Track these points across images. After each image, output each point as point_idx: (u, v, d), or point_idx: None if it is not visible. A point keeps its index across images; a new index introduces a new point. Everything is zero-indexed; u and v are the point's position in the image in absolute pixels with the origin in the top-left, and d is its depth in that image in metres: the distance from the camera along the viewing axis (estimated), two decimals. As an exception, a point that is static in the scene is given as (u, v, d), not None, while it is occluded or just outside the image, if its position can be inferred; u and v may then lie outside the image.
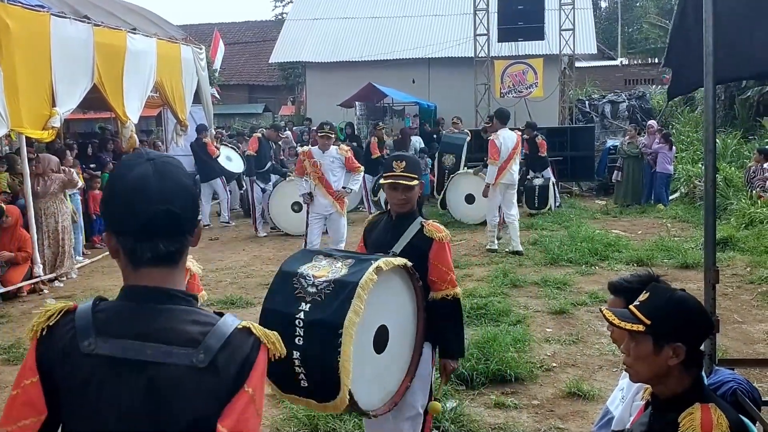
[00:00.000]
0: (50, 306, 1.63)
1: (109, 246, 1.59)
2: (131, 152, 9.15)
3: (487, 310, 6.64)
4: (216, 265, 9.85)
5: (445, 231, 3.45)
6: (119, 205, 1.52)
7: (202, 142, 13.21)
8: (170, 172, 1.55)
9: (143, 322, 1.51)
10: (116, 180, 1.55)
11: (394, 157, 3.53)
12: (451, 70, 19.41)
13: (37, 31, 9.10)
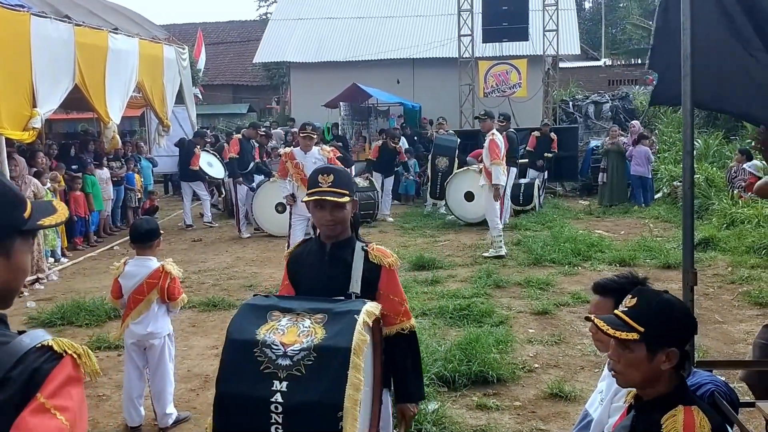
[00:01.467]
0: None
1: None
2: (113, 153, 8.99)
3: (470, 311, 6.64)
4: (198, 267, 9.79)
5: (393, 255, 2.92)
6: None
7: (192, 148, 13.11)
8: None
9: None
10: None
11: (320, 170, 2.92)
12: (435, 71, 19.43)
13: (16, 31, 9.01)
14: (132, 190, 13.86)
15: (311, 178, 2.92)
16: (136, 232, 4.53)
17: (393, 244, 10.89)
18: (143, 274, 4.47)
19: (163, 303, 4.49)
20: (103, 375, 5.63)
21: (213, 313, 7.32)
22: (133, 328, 4.45)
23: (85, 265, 10.40)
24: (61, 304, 7.48)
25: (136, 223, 4.63)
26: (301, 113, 20.31)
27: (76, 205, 11.50)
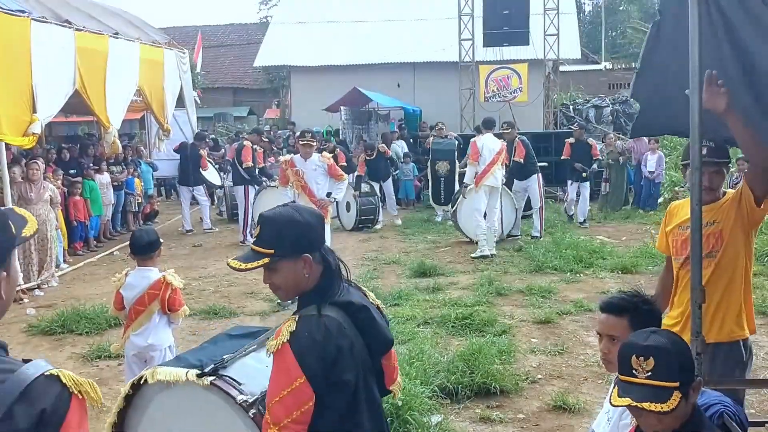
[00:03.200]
0: None
1: None
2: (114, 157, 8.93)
3: (472, 321, 6.60)
4: (199, 273, 9.76)
5: (285, 334, 2.08)
6: None
7: (198, 151, 13.07)
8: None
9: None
10: None
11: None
12: (436, 75, 19.41)
13: (16, 36, 8.97)
14: (132, 195, 13.82)
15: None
16: (137, 243, 4.49)
17: (394, 250, 10.87)
18: (144, 285, 4.43)
19: (164, 314, 4.45)
20: (103, 385, 5.60)
21: (214, 321, 7.28)
22: (134, 340, 4.42)
23: (85, 270, 10.36)
24: (61, 311, 7.44)
25: (136, 235, 4.58)
26: (302, 117, 20.33)
27: (75, 210, 11.47)
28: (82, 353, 6.36)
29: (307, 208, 2.27)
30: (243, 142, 12.18)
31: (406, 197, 15.81)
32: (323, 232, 2.24)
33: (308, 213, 2.21)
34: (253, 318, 7.39)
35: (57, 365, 4.69)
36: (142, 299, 4.46)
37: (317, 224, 2.19)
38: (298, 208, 2.21)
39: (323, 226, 2.27)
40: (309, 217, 2.17)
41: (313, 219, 2.19)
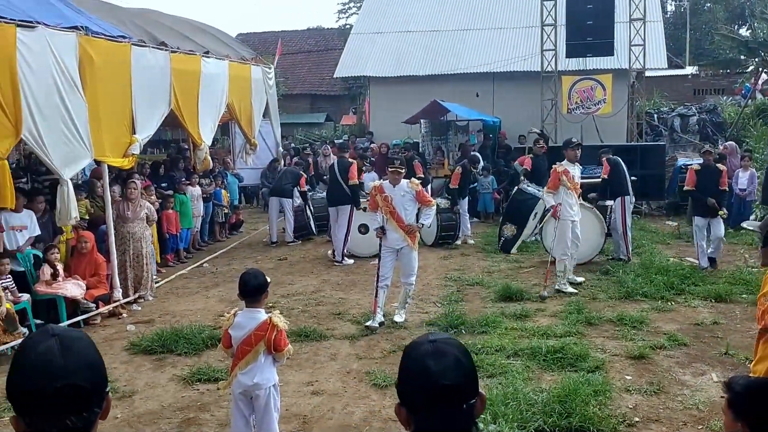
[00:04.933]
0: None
1: (17, 428, 1.58)
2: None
3: (564, 354, 6.55)
4: (286, 290, 9.97)
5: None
6: (23, 379, 1.56)
7: (299, 173, 13.47)
8: (78, 346, 1.62)
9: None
10: (18, 359, 1.60)
11: None
12: (516, 85, 19.24)
13: (118, 61, 9.40)
14: (219, 206, 14.26)
15: None
16: (246, 287, 4.65)
17: (476, 269, 10.86)
18: (252, 326, 4.59)
19: (269, 354, 4.60)
20: (205, 411, 5.82)
21: (305, 344, 7.42)
22: (241, 379, 4.57)
23: (177, 284, 10.74)
24: (161, 330, 7.74)
25: (245, 279, 4.72)
26: (380, 127, 20.50)
27: (167, 223, 11.91)
28: (183, 375, 6.61)
29: None
30: (348, 159, 12.13)
31: (485, 210, 15.73)
32: None
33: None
34: (342, 342, 7.52)
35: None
36: (249, 339, 4.61)
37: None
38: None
39: None
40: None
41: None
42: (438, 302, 8.96)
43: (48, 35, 7.99)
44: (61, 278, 8.50)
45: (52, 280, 8.40)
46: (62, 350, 1.58)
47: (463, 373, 1.76)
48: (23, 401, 1.57)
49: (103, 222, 9.85)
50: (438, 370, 1.73)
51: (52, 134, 8.01)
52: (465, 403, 1.75)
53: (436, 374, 1.73)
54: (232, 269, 11.65)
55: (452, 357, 1.76)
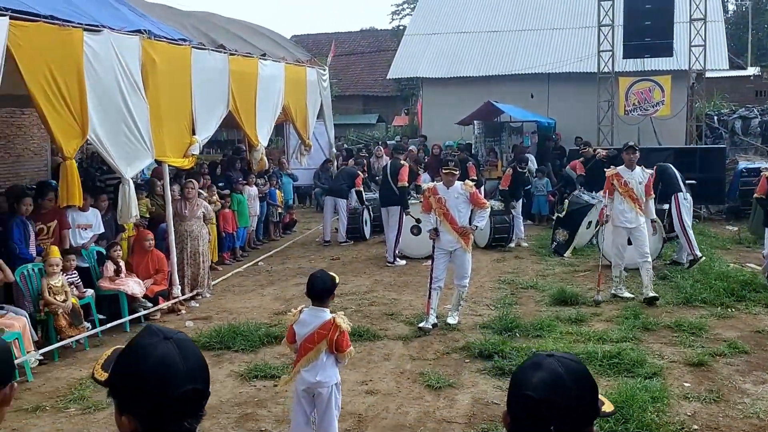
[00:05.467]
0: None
1: (125, 427, 1.59)
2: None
3: (620, 359, 6.46)
4: (339, 290, 9.85)
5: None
6: (148, 385, 1.56)
7: (356, 172, 13.58)
8: (191, 349, 1.64)
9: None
10: (137, 362, 1.60)
11: None
12: (571, 86, 19.01)
13: (179, 64, 9.63)
14: (274, 206, 14.47)
15: None
16: (313, 289, 4.75)
17: (530, 272, 10.78)
18: (315, 324, 4.66)
19: (331, 353, 4.66)
20: (262, 407, 5.94)
21: (359, 343, 7.45)
22: (304, 375, 4.65)
23: (233, 281, 10.95)
24: (219, 327, 7.90)
25: (313, 280, 4.81)
26: (433, 129, 20.50)
27: (224, 222, 12.15)
28: (240, 371, 6.74)
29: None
30: (400, 161, 12.15)
31: (539, 212, 15.59)
32: None
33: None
34: (395, 342, 7.56)
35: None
36: (312, 337, 4.68)
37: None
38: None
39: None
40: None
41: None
42: (491, 305, 8.93)
43: (113, 38, 8.24)
44: (123, 275, 8.76)
45: (115, 277, 8.67)
46: (181, 354, 1.61)
47: (561, 393, 1.67)
48: (144, 404, 1.58)
49: (162, 220, 10.12)
50: (529, 381, 1.70)
51: (115, 135, 8.27)
52: (553, 424, 1.66)
53: (526, 385, 1.70)
54: (287, 268, 11.83)
55: (550, 372, 1.69)
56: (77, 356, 7.60)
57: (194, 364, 1.64)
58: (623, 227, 8.98)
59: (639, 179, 8.96)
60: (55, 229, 8.48)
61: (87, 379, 6.73)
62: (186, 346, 1.66)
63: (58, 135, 7.42)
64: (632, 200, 8.88)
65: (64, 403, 6.16)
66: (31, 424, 5.78)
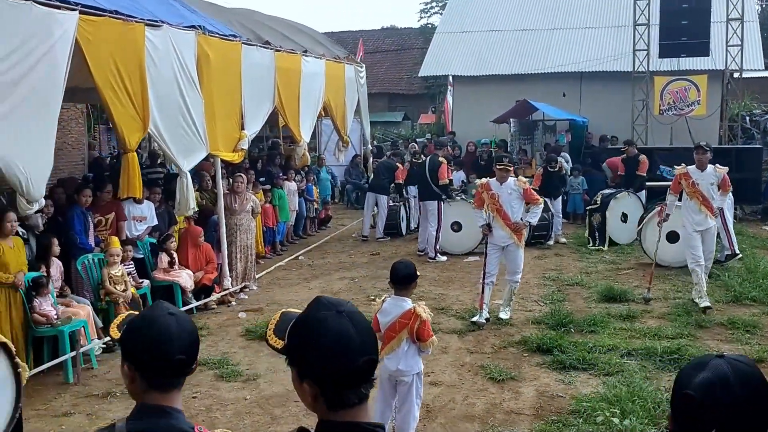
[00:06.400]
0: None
1: (306, 393, 1.70)
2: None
3: (680, 355, 6.50)
4: (385, 285, 10.10)
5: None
6: (328, 358, 1.65)
7: (394, 163, 13.66)
8: (362, 321, 1.72)
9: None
10: (314, 336, 1.68)
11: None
12: (604, 85, 18.97)
13: (230, 59, 9.77)
14: (310, 201, 14.59)
15: None
16: (397, 274, 4.88)
17: (573, 269, 10.82)
18: (397, 313, 4.77)
19: (413, 342, 4.75)
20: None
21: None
22: (387, 363, 4.75)
23: (277, 275, 11.07)
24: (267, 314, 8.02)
25: (397, 267, 4.94)
26: (463, 127, 20.52)
27: (265, 217, 12.27)
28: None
29: None
30: (439, 159, 12.19)
31: (574, 211, 15.59)
32: None
33: None
34: (451, 336, 7.64)
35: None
36: (393, 326, 4.79)
37: None
38: None
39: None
40: None
41: None
42: (540, 301, 8.99)
43: (171, 34, 8.39)
44: (177, 266, 8.91)
45: (169, 268, 8.82)
46: (355, 328, 1.70)
47: (724, 394, 1.64)
48: (323, 374, 1.67)
49: (211, 213, 10.27)
50: (691, 381, 1.70)
51: (173, 128, 8.41)
52: (716, 427, 1.64)
53: (688, 384, 1.70)
54: (328, 262, 11.94)
55: (715, 372, 1.67)
56: (137, 345, 7.74)
57: (366, 335, 1.72)
58: (693, 230, 8.53)
59: (711, 180, 8.54)
60: (113, 220, 8.64)
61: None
62: (358, 319, 1.73)
63: (121, 128, 7.57)
64: (700, 201, 8.46)
65: (133, 390, 6.29)
66: (104, 409, 5.93)
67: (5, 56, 5.98)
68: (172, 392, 2.01)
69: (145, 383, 2.00)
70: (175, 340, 1.97)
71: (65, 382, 6.58)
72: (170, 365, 1.96)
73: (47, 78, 6.43)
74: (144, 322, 2.02)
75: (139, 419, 1.99)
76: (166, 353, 1.95)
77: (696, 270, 8.41)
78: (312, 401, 1.71)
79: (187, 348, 2.00)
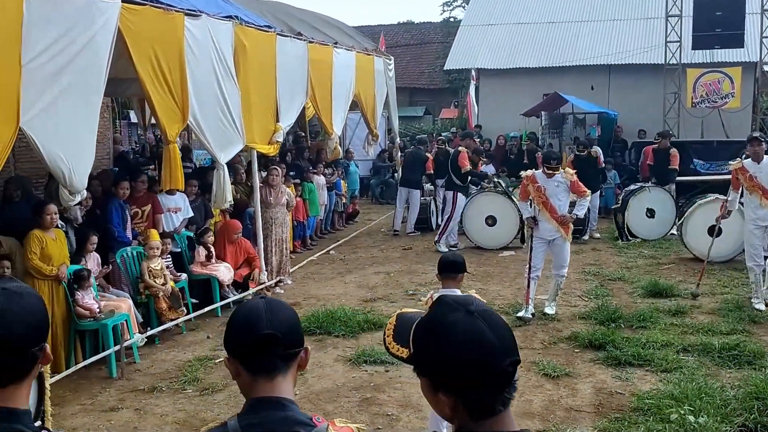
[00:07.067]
0: None
1: (443, 404, 1.55)
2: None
3: (740, 351, 6.30)
4: (422, 279, 9.99)
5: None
6: (467, 366, 1.51)
7: (422, 154, 13.60)
8: (496, 319, 1.56)
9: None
10: (447, 342, 1.53)
11: None
12: (634, 78, 18.71)
13: (266, 51, 9.63)
14: (339, 196, 14.45)
15: None
16: (447, 264, 4.73)
17: (612, 264, 10.62)
18: (450, 305, 4.60)
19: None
20: (381, 392, 5.90)
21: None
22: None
23: (311, 269, 10.95)
24: (315, 312, 7.88)
25: (445, 257, 4.81)
26: (489, 120, 20.30)
27: (295, 211, 12.14)
28: (347, 356, 6.72)
29: None
30: (458, 148, 12.12)
31: (606, 205, 15.33)
32: None
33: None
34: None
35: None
36: (446, 320, 4.63)
37: None
38: None
39: None
40: None
41: None
42: (583, 296, 8.80)
43: (209, 24, 8.25)
44: (214, 260, 8.80)
45: (206, 262, 8.71)
46: (491, 328, 1.55)
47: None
48: (463, 383, 1.54)
49: (246, 206, 10.15)
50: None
51: (211, 120, 8.28)
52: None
53: None
54: (360, 257, 11.80)
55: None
56: (176, 339, 7.66)
57: (504, 335, 1.56)
58: (755, 226, 8.07)
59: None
60: (149, 212, 8.54)
61: (195, 362, 6.78)
62: (491, 317, 1.57)
63: (162, 119, 7.44)
64: (761, 194, 7.95)
65: (179, 384, 6.19)
66: (152, 404, 5.81)
67: (48, 46, 5.87)
68: (277, 378, 1.84)
69: (249, 373, 1.85)
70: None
71: (109, 377, 6.48)
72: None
73: (89, 68, 6.31)
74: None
75: (253, 413, 1.83)
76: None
77: (754, 269, 8.01)
78: (450, 412, 1.55)
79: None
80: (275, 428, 1.79)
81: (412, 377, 6.26)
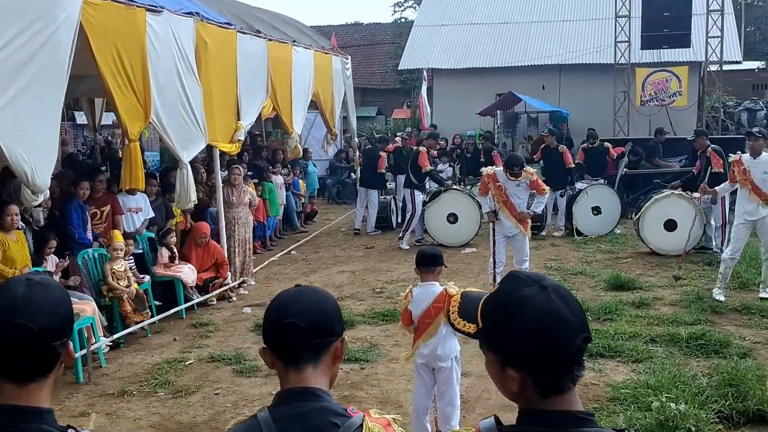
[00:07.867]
0: None
1: (512, 379, 1.53)
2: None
3: (706, 341, 6.47)
4: (387, 276, 10.01)
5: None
6: (541, 341, 1.49)
7: (377, 153, 13.53)
8: (569, 294, 1.55)
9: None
10: (521, 317, 1.52)
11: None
12: (584, 77, 19.08)
13: (227, 48, 9.49)
14: (297, 196, 14.34)
15: None
16: (421, 255, 4.73)
17: (572, 259, 10.80)
18: (429, 298, 4.61)
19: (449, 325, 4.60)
20: (358, 389, 5.86)
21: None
22: (423, 350, 4.61)
23: (273, 269, 10.83)
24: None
25: (422, 251, 4.81)
26: (445, 119, 20.44)
27: (255, 211, 11.98)
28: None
29: None
30: (418, 148, 12.21)
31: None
32: None
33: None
34: (467, 326, 7.51)
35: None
36: (428, 312, 4.63)
37: None
38: None
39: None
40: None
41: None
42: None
43: (171, 20, 8.10)
44: (178, 261, 8.62)
45: (170, 263, 8.52)
46: (566, 304, 1.53)
47: None
48: (535, 360, 1.52)
49: (207, 206, 9.98)
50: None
51: (173, 118, 8.12)
52: None
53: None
54: (322, 257, 11.73)
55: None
56: (142, 342, 7.48)
57: (578, 310, 1.54)
58: (744, 220, 8.10)
59: (765, 168, 7.96)
60: (108, 213, 8.30)
61: (164, 364, 6.63)
62: (564, 293, 1.55)
63: (124, 116, 7.27)
64: (752, 190, 7.98)
65: (150, 388, 6.04)
66: (124, 408, 5.66)
67: (9, 40, 5.67)
68: (306, 369, 1.78)
69: (281, 364, 1.81)
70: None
71: (75, 382, 6.28)
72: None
73: (52, 62, 6.12)
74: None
75: (284, 405, 1.78)
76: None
77: (727, 261, 8.14)
78: (518, 389, 1.52)
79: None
80: (308, 419, 1.75)
81: (388, 374, 6.27)
